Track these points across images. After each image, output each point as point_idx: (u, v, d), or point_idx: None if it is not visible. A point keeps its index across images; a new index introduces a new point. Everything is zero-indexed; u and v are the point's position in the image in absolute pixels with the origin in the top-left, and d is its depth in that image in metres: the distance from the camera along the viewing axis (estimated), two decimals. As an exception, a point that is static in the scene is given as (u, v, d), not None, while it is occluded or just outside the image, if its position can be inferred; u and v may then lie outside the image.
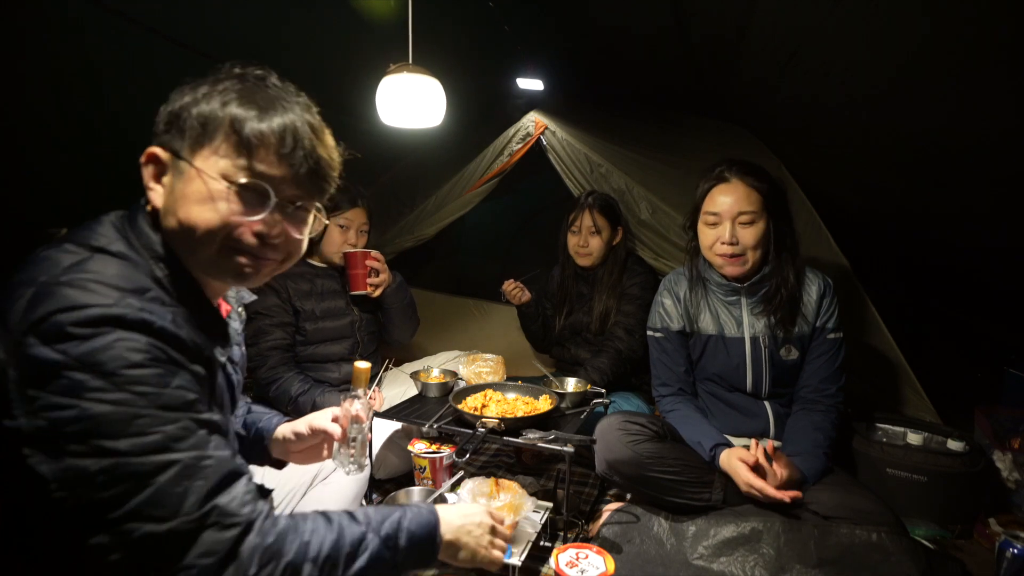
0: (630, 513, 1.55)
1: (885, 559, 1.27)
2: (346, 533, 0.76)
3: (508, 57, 2.64)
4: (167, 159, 0.76)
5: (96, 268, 0.68)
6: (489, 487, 1.41)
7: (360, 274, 1.95)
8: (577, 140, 2.36)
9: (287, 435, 1.12)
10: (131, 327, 0.65)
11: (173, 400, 0.66)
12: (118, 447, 0.62)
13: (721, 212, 1.53)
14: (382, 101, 1.71)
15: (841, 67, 1.76)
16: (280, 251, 0.83)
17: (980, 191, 1.89)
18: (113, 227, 0.76)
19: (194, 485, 0.65)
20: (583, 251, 2.22)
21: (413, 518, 0.85)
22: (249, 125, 0.75)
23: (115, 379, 0.63)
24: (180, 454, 0.65)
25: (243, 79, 0.79)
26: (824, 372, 1.60)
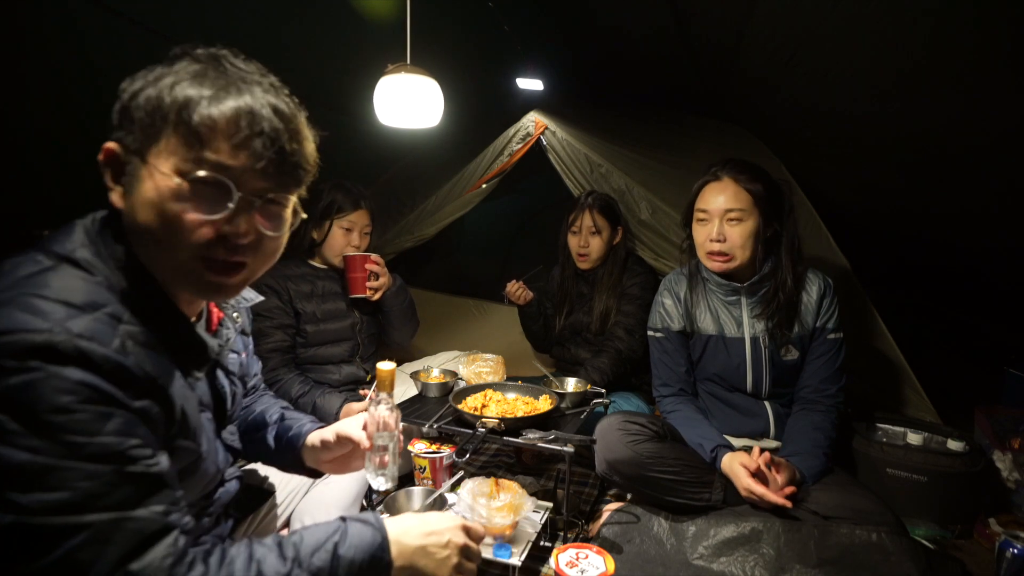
0: (630, 513, 1.55)
1: (885, 559, 1.27)
2: (269, 566, 0.68)
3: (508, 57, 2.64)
4: (123, 155, 0.69)
5: (51, 282, 0.62)
6: (489, 487, 1.41)
7: (359, 277, 1.94)
8: (577, 140, 2.36)
9: (315, 443, 1.06)
10: (64, 360, 0.58)
11: (101, 450, 0.59)
12: (27, 503, 0.55)
13: (710, 209, 1.55)
14: (380, 101, 1.71)
15: (840, 68, 1.76)
16: (253, 252, 0.73)
17: (980, 191, 1.89)
18: (85, 232, 0.70)
19: (106, 550, 0.58)
20: (583, 251, 2.22)
21: (352, 543, 0.74)
22: (199, 110, 0.66)
23: (35, 423, 0.56)
24: (95, 515, 0.58)
25: (197, 59, 0.70)
26: (824, 372, 1.60)
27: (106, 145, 0.69)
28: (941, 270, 2.82)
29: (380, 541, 0.77)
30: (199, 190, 0.67)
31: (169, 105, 0.66)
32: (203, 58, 0.70)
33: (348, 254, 1.94)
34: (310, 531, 0.75)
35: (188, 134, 0.66)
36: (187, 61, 0.70)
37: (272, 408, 1.15)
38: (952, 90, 1.52)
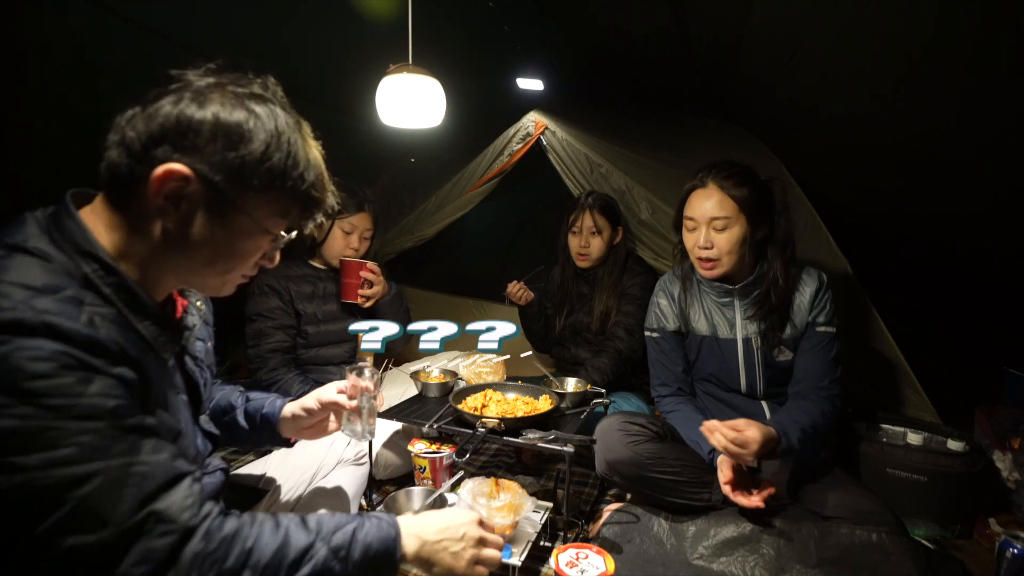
0: (630, 513, 1.55)
1: (885, 559, 1.27)
2: (292, 541, 0.71)
3: (508, 57, 2.64)
4: (198, 185, 0.71)
5: (7, 268, 0.64)
6: (489, 487, 1.41)
7: (353, 284, 1.93)
8: (577, 140, 2.36)
9: (296, 412, 1.15)
10: (32, 333, 0.60)
11: (89, 409, 0.61)
12: (28, 463, 0.58)
13: (696, 217, 1.55)
14: (382, 101, 1.71)
15: (840, 68, 1.76)
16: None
17: (980, 192, 1.89)
18: (36, 223, 0.71)
19: (125, 493, 0.61)
20: (584, 251, 2.22)
21: (370, 530, 0.78)
22: (318, 202, 0.80)
23: (18, 392, 0.58)
24: (101, 463, 0.61)
25: (291, 120, 0.76)
26: (815, 365, 1.56)
27: (178, 168, 0.69)
28: (941, 270, 2.82)
29: (394, 535, 0.81)
30: (276, 241, 0.81)
31: (289, 183, 0.75)
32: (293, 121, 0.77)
33: (345, 258, 1.93)
34: (327, 515, 0.80)
35: (292, 208, 0.78)
36: (281, 109, 0.76)
37: (231, 392, 1.21)
38: (952, 90, 1.52)
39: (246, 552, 0.67)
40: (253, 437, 1.17)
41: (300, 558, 0.71)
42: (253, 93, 0.74)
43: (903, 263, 3.07)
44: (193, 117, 0.70)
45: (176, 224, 0.72)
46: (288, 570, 0.70)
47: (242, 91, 0.73)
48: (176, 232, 0.73)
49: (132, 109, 0.71)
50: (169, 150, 0.69)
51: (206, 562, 0.64)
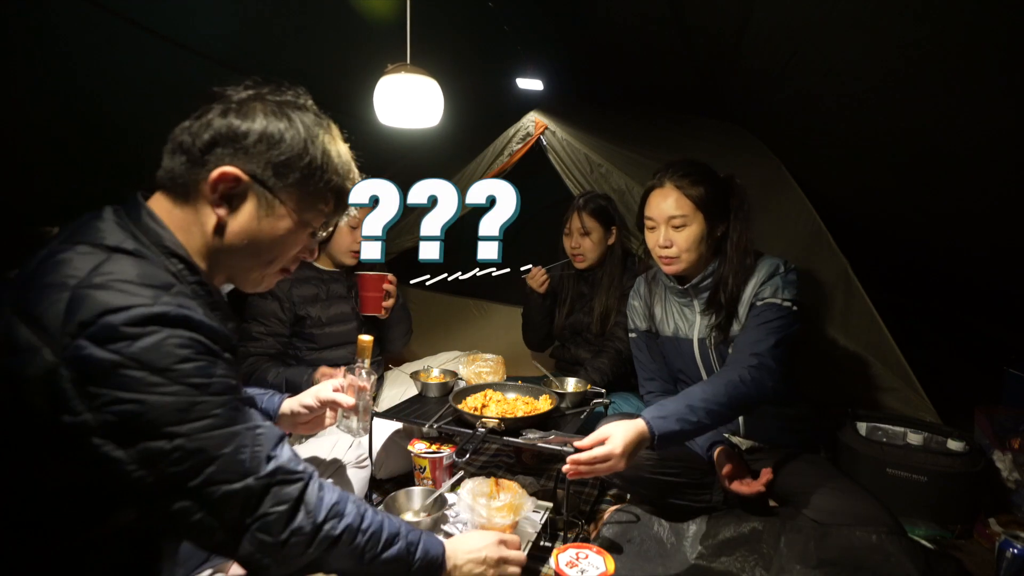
0: (630, 513, 1.55)
1: (885, 560, 1.26)
2: (387, 523, 0.85)
3: (508, 57, 2.64)
4: (248, 184, 0.81)
5: (118, 269, 0.71)
6: (489, 487, 1.40)
7: (375, 297, 1.92)
8: (577, 140, 2.36)
9: (295, 409, 1.23)
10: (174, 323, 0.70)
11: (221, 387, 0.73)
12: (183, 431, 0.69)
13: (655, 216, 1.56)
14: (380, 101, 1.71)
15: (841, 67, 1.76)
16: None
17: (980, 192, 1.89)
18: (117, 225, 0.77)
19: (255, 450, 0.74)
20: (576, 252, 2.24)
21: (427, 540, 0.92)
22: (348, 194, 0.90)
23: (169, 374, 0.68)
24: (238, 426, 0.73)
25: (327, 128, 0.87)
26: (742, 337, 1.50)
27: (232, 171, 0.79)
28: (941, 270, 2.82)
29: (442, 551, 0.95)
30: (315, 234, 0.91)
31: (330, 181, 0.86)
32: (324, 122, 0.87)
33: (362, 273, 1.91)
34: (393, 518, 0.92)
35: (334, 206, 0.89)
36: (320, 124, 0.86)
37: None
38: (952, 90, 1.52)
39: (360, 515, 0.82)
40: None
41: (392, 539, 0.85)
42: (287, 101, 0.84)
43: (903, 263, 3.07)
44: (239, 127, 0.80)
45: (228, 220, 0.82)
46: (384, 545, 0.84)
47: (278, 99, 0.84)
48: (228, 228, 0.83)
49: (185, 122, 0.81)
50: (222, 155, 0.80)
51: (331, 510, 0.79)
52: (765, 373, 1.40)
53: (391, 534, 0.86)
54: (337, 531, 0.79)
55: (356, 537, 0.81)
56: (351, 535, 0.80)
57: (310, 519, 0.76)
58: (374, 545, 0.83)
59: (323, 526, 0.78)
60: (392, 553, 0.85)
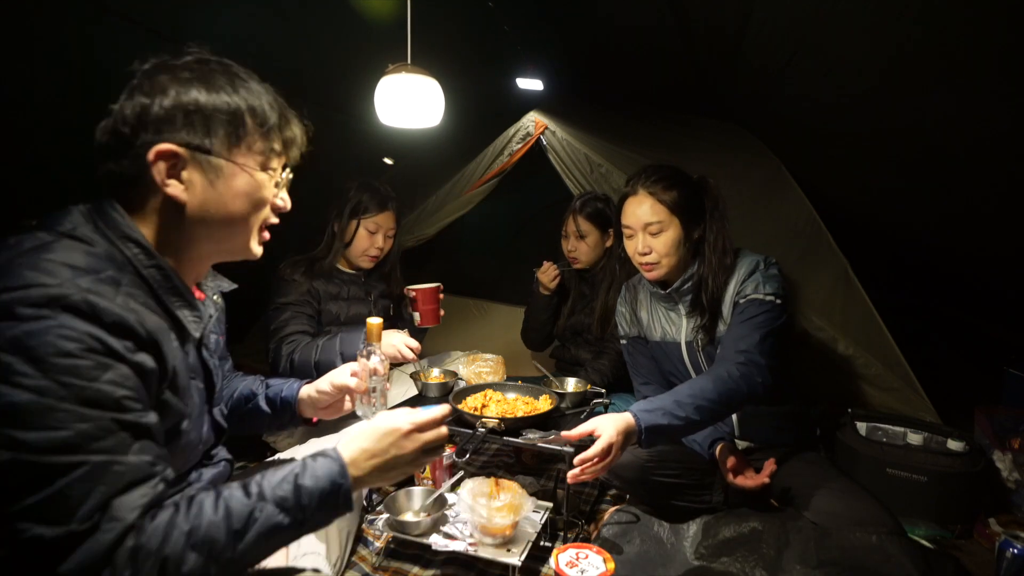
0: (630, 513, 1.55)
1: (885, 560, 1.26)
2: (232, 511, 0.71)
3: (508, 57, 2.63)
4: (186, 155, 0.78)
5: (55, 250, 0.69)
6: (489, 487, 1.41)
7: (433, 309, 1.91)
8: (577, 140, 2.36)
9: (312, 394, 1.22)
10: (73, 310, 0.64)
11: (98, 396, 0.64)
12: (28, 439, 0.60)
13: (631, 224, 1.56)
14: (381, 101, 1.71)
15: (841, 66, 1.76)
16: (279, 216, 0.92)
17: (980, 192, 1.89)
18: (80, 214, 0.78)
19: (96, 490, 0.62)
20: (572, 255, 2.25)
21: (311, 473, 0.78)
22: (269, 116, 0.84)
23: (42, 365, 0.61)
24: (91, 456, 0.63)
25: (227, 69, 0.84)
26: (729, 333, 1.50)
27: (163, 147, 0.77)
28: (941, 270, 2.82)
29: (338, 468, 0.80)
30: (272, 177, 0.87)
31: (244, 111, 0.82)
32: (223, 66, 0.84)
33: (419, 287, 1.89)
34: (272, 470, 0.78)
35: (264, 136, 0.84)
36: (215, 70, 0.82)
37: (252, 381, 1.27)
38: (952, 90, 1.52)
39: (185, 534, 0.66)
40: (275, 421, 1.24)
41: (244, 523, 0.70)
42: (192, 60, 0.82)
43: (903, 263, 3.07)
44: (152, 104, 0.77)
45: (185, 195, 0.80)
46: (233, 538, 0.69)
47: (178, 63, 0.81)
48: (189, 204, 0.80)
49: (103, 123, 0.79)
50: (148, 137, 0.77)
51: (140, 554, 0.63)
52: (754, 369, 1.39)
53: (241, 520, 0.70)
54: (170, 568, 0.64)
55: (187, 561, 0.66)
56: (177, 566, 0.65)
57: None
58: (220, 550, 0.68)
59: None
60: (254, 536, 0.71)
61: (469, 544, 1.37)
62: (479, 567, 1.45)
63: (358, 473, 0.83)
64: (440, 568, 1.45)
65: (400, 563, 1.46)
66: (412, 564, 1.46)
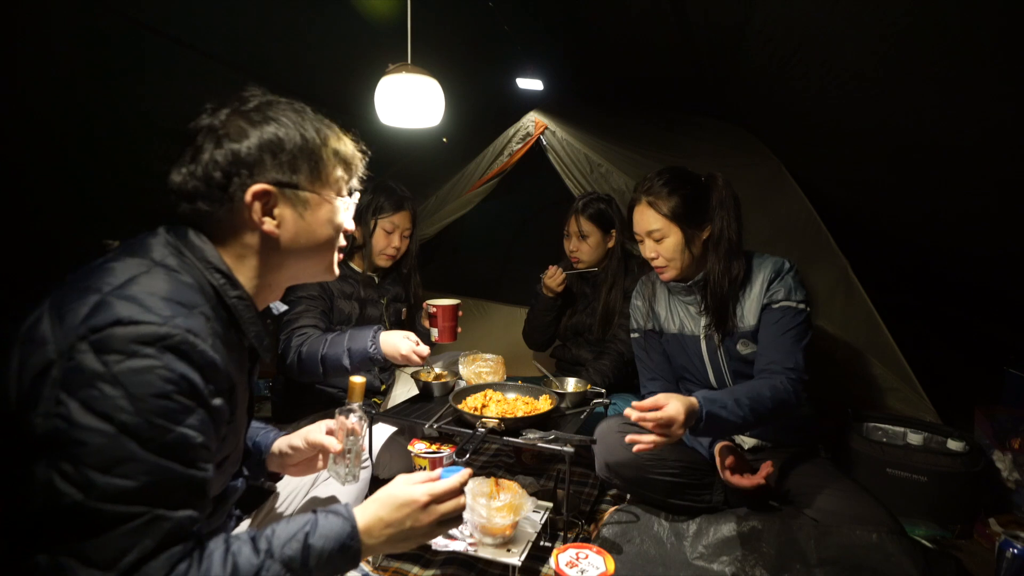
0: (630, 513, 1.55)
1: (885, 559, 1.26)
2: (240, 567, 0.72)
3: (508, 57, 2.64)
4: (277, 192, 0.84)
5: (152, 282, 0.73)
6: (489, 487, 1.41)
7: (451, 327, 1.93)
8: (577, 140, 2.36)
9: (284, 449, 1.14)
10: (173, 350, 0.68)
11: (176, 441, 0.68)
12: (99, 483, 0.63)
13: (638, 231, 1.62)
14: (381, 101, 1.71)
15: (842, 66, 1.76)
16: None
17: (980, 192, 1.89)
18: (167, 243, 0.81)
19: (141, 543, 0.65)
20: (575, 255, 2.24)
21: (322, 533, 0.78)
22: (336, 144, 0.90)
23: (139, 404, 0.65)
24: (148, 508, 0.65)
25: (291, 105, 0.88)
26: (769, 342, 1.52)
27: (257, 188, 0.82)
28: (941, 270, 2.82)
29: (349, 530, 0.81)
30: (346, 203, 0.93)
31: (320, 144, 0.87)
32: (284, 102, 0.88)
33: (438, 303, 1.90)
34: (283, 524, 0.79)
35: (336, 164, 0.90)
36: (291, 110, 0.87)
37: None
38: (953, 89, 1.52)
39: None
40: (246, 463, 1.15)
41: (259, 568, 0.72)
42: (260, 103, 0.86)
43: (903, 263, 3.07)
44: (241, 148, 0.81)
45: (278, 230, 0.85)
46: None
47: (253, 106, 0.85)
48: (282, 238, 0.86)
49: (182, 169, 0.82)
50: (241, 180, 0.81)
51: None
52: (800, 385, 1.46)
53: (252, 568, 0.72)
54: None
55: None
56: None
57: None
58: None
59: None
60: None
61: (469, 544, 1.37)
62: (479, 567, 1.45)
63: (371, 541, 0.84)
64: (440, 568, 1.45)
65: (400, 563, 1.46)
66: (412, 564, 1.46)
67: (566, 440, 1.42)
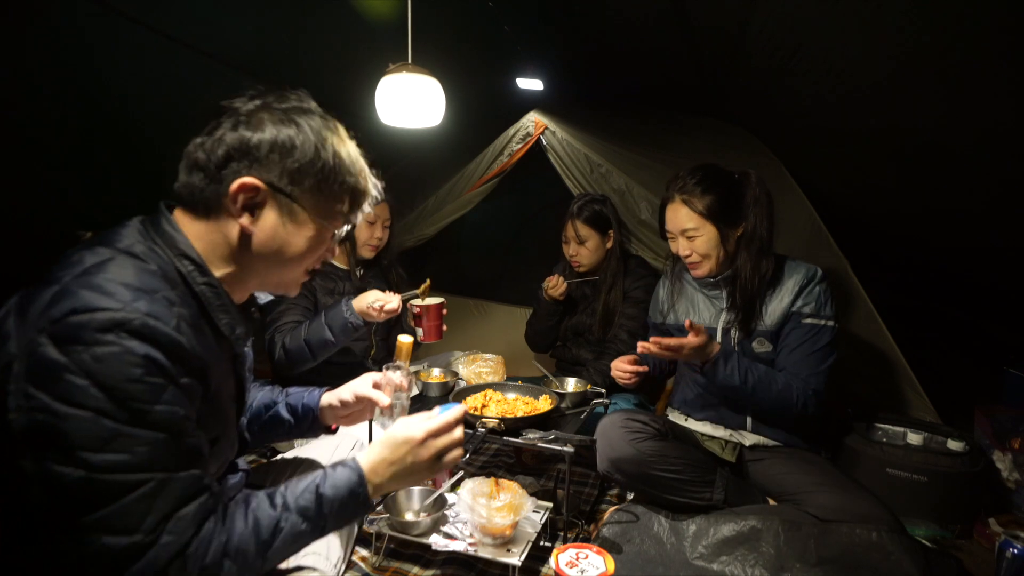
0: (630, 512, 1.55)
1: (885, 558, 1.27)
2: (260, 522, 0.79)
3: (508, 57, 2.63)
4: (268, 193, 0.82)
5: (114, 269, 0.72)
6: (489, 487, 1.41)
7: (436, 326, 1.92)
8: (577, 140, 2.36)
9: (333, 403, 1.23)
10: (134, 334, 0.68)
11: (159, 418, 0.69)
12: (95, 461, 0.65)
13: (671, 229, 1.66)
14: (381, 101, 1.71)
15: (843, 65, 1.76)
16: None
17: (981, 190, 1.89)
18: (137, 230, 0.80)
19: (156, 505, 0.68)
20: (574, 259, 2.24)
21: (331, 482, 0.85)
22: (355, 180, 0.89)
23: (112, 392, 0.65)
24: (153, 474, 0.68)
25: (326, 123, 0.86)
26: (797, 357, 1.56)
27: (250, 181, 0.80)
28: (940, 270, 2.82)
29: (356, 478, 0.87)
30: (336, 233, 0.91)
31: (336, 171, 0.85)
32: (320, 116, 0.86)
33: (422, 303, 1.90)
34: (296, 480, 0.86)
35: (343, 196, 0.88)
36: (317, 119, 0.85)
37: (272, 391, 1.28)
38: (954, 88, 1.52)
39: (222, 544, 0.74)
40: (296, 429, 1.24)
41: (271, 533, 0.79)
42: (294, 107, 0.85)
43: (903, 263, 3.07)
44: (251, 139, 0.80)
45: (253, 229, 0.83)
46: (262, 547, 0.78)
47: (284, 106, 0.84)
48: (254, 237, 0.84)
49: (197, 139, 0.82)
50: (238, 168, 0.80)
51: (188, 564, 0.70)
52: (814, 401, 1.52)
53: (268, 530, 0.79)
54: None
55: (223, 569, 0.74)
56: (232, 565, 0.74)
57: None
58: (249, 558, 0.77)
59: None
60: (280, 544, 0.80)
61: (469, 544, 1.37)
62: (479, 567, 1.45)
63: (378, 480, 0.90)
64: (440, 568, 1.45)
65: (400, 563, 1.46)
66: (412, 564, 1.46)
67: (566, 440, 1.42)
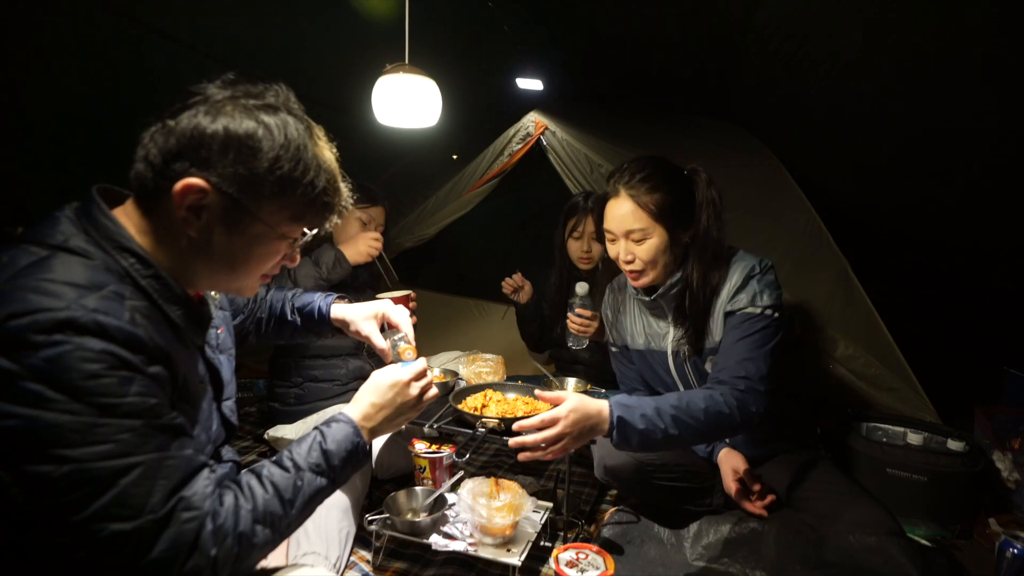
0: (630, 513, 1.55)
1: (886, 562, 1.26)
2: (279, 485, 0.81)
3: (508, 57, 2.64)
4: (215, 196, 0.74)
5: (53, 267, 0.67)
6: (489, 487, 1.40)
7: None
8: (577, 140, 2.35)
9: (339, 317, 1.28)
10: (84, 331, 0.63)
11: (131, 408, 0.66)
12: (79, 455, 0.62)
13: (613, 229, 1.40)
14: (378, 101, 1.71)
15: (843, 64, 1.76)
16: None
17: (982, 191, 1.89)
18: (70, 222, 0.74)
19: (157, 484, 0.67)
20: (586, 256, 2.20)
21: (332, 438, 0.89)
22: (331, 206, 0.84)
23: (72, 390, 0.62)
24: (141, 456, 0.66)
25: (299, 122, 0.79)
26: (725, 351, 1.35)
27: (195, 182, 0.73)
28: (941, 270, 2.82)
29: (352, 429, 0.92)
30: (294, 243, 0.85)
31: (300, 180, 0.78)
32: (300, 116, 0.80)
33: (389, 296, 1.83)
34: (295, 444, 0.88)
35: (304, 208, 0.81)
36: (294, 120, 0.78)
37: (283, 292, 1.35)
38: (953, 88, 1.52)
39: (250, 511, 0.76)
40: (301, 331, 1.31)
41: (292, 494, 0.81)
42: (265, 104, 0.77)
43: (903, 262, 3.07)
44: (206, 131, 0.73)
45: (198, 232, 0.77)
46: (287, 508, 0.80)
47: (254, 102, 0.76)
48: (199, 240, 0.77)
49: (155, 125, 0.75)
50: (186, 164, 0.73)
51: (220, 534, 0.71)
52: (750, 397, 1.27)
53: (288, 490, 0.81)
54: (244, 543, 0.74)
55: (256, 535, 0.76)
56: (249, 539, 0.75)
57: (206, 556, 0.69)
58: (277, 519, 0.79)
59: (224, 552, 0.71)
60: (302, 502, 0.82)
61: (469, 544, 1.36)
62: (479, 567, 1.45)
63: (371, 425, 0.96)
64: (440, 568, 1.45)
65: (400, 563, 1.46)
66: (412, 564, 1.46)
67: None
